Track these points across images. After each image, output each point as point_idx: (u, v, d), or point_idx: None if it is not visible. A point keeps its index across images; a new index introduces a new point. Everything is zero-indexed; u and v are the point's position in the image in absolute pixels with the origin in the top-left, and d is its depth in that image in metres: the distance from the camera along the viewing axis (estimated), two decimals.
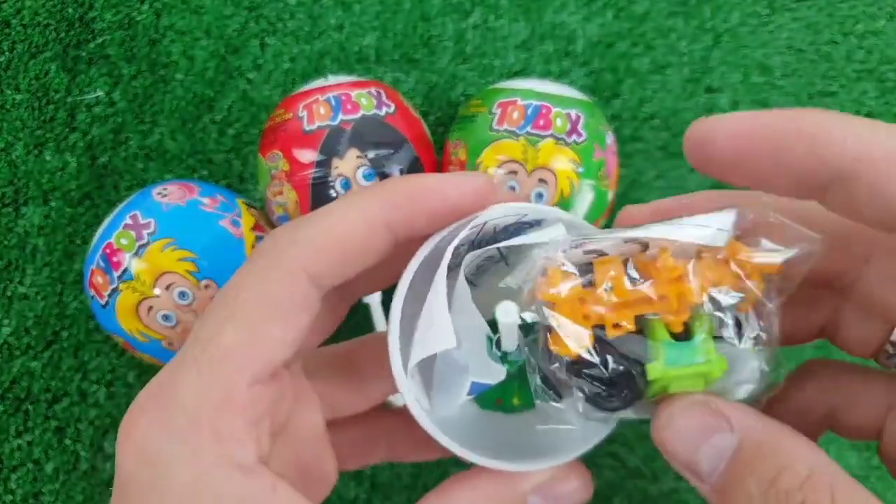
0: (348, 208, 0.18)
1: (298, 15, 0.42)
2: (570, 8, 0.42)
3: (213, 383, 0.16)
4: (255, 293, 0.17)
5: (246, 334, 0.17)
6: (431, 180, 0.18)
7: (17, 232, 0.40)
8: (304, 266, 0.17)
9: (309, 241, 0.17)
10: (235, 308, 0.17)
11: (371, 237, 0.18)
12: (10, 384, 0.38)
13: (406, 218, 0.18)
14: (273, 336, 0.17)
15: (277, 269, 0.17)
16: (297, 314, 0.17)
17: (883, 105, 0.41)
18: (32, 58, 0.42)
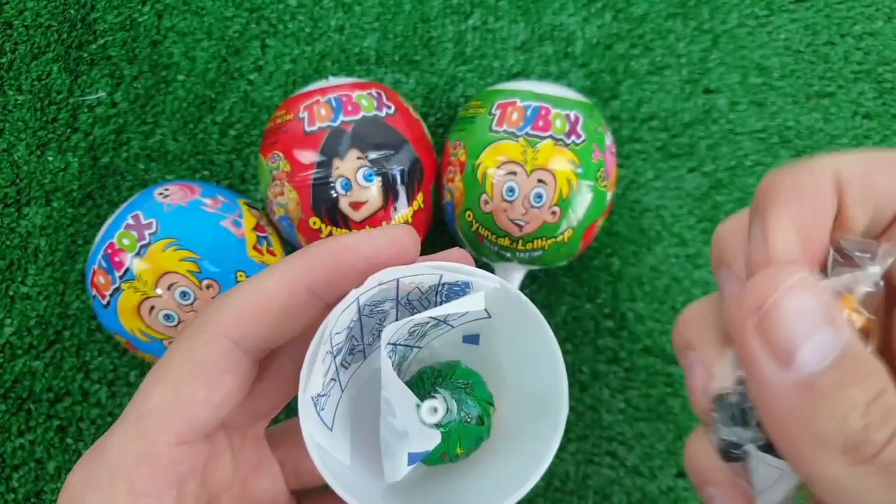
0: (270, 275, 0.19)
1: (299, 16, 0.42)
2: (569, 9, 0.42)
3: (135, 440, 0.17)
4: (182, 357, 0.18)
5: (170, 395, 0.18)
6: (348, 238, 0.19)
7: (19, 232, 0.40)
8: (226, 331, 0.18)
9: (232, 308, 0.18)
10: (164, 371, 0.18)
11: (293, 300, 0.18)
12: (13, 383, 0.38)
13: (326, 278, 0.18)
14: (196, 397, 0.18)
15: (203, 334, 0.18)
16: (221, 377, 0.18)
17: (880, 106, 0.41)
18: (34, 59, 0.42)
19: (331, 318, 0.17)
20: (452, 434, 0.19)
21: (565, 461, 0.37)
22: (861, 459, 0.13)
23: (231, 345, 0.18)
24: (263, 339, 0.19)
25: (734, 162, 0.40)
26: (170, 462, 0.17)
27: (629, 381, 0.38)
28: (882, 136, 0.41)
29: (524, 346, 0.19)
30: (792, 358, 0.14)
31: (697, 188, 0.40)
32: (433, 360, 0.21)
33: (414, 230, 0.19)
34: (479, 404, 0.20)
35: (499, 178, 0.32)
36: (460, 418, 0.19)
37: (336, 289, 0.18)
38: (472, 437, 0.19)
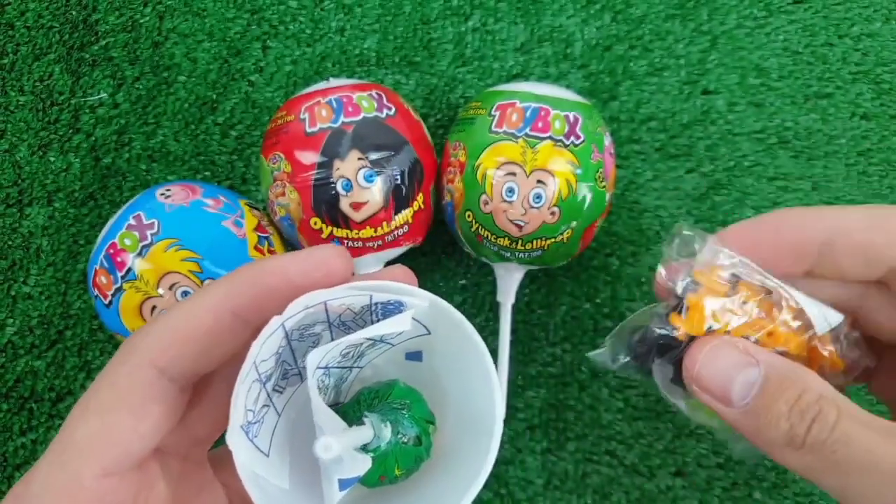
0: (193, 301, 0.18)
1: (300, 18, 0.42)
2: (568, 11, 0.42)
3: (58, 474, 0.17)
4: (106, 387, 0.18)
5: (95, 426, 0.17)
6: (273, 262, 0.18)
7: (21, 232, 0.40)
8: (151, 360, 0.18)
9: (155, 336, 0.18)
10: (88, 402, 0.18)
11: (218, 327, 0.18)
12: (15, 383, 0.39)
13: (251, 303, 0.18)
14: (122, 427, 0.17)
15: (127, 363, 0.18)
16: (148, 405, 0.18)
17: (878, 107, 0.41)
18: (36, 60, 0.42)
19: (254, 347, 0.17)
20: (389, 456, 0.19)
21: (564, 460, 0.37)
22: (797, 448, 0.19)
23: (156, 373, 0.18)
24: (190, 367, 0.18)
25: (732, 162, 0.40)
26: (95, 496, 0.17)
27: (627, 380, 0.38)
28: (880, 137, 0.41)
29: (462, 362, 0.19)
30: (729, 399, 0.20)
31: (696, 189, 0.40)
32: (375, 379, 0.21)
33: (345, 250, 0.19)
34: (416, 424, 0.19)
35: (498, 178, 0.33)
36: (396, 440, 0.19)
37: (263, 313, 0.18)
38: (410, 458, 0.19)
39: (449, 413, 0.21)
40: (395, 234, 0.34)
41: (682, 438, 0.37)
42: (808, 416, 0.18)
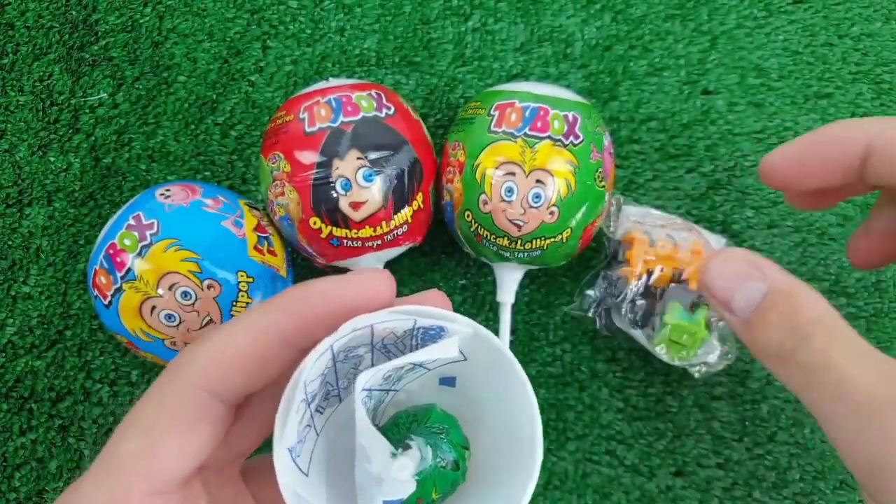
0: (241, 325, 0.18)
1: (300, 18, 0.42)
2: (568, 11, 0.42)
3: (107, 493, 0.17)
4: (154, 406, 0.18)
5: (143, 445, 0.17)
6: (320, 284, 0.19)
7: (21, 232, 0.40)
8: (200, 381, 0.18)
9: (205, 356, 0.18)
10: (136, 420, 0.18)
11: (266, 351, 0.18)
12: (14, 383, 0.39)
13: (298, 325, 0.18)
14: (170, 447, 0.17)
15: (175, 382, 0.18)
16: (195, 426, 0.18)
17: (878, 107, 0.41)
18: (36, 60, 0.42)
19: (305, 367, 0.17)
20: (427, 480, 0.19)
21: (564, 460, 0.37)
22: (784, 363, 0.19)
23: (205, 394, 0.18)
24: (237, 388, 0.18)
25: (732, 163, 0.40)
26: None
27: (627, 380, 0.38)
28: None
29: (500, 389, 0.19)
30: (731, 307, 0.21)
31: (695, 189, 0.40)
32: (410, 404, 0.21)
33: (389, 274, 0.19)
34: (454, 449, 0.20)
35: (497, 178, 0.32)
36: (435, 464, 0.19)
37: (308, 336, 0.18)
38: (447, 483, 0.19)
39: (482, 437, 0.21)
40: (394, 233, 0.34)
41: (682, 438, 0.37)
42: (796, 335, 0.19)
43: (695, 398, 0.38)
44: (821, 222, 0.40)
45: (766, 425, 0.37)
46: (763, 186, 0.40)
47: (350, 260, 0.34)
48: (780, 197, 0.40)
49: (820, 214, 0.40)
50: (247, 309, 0.32)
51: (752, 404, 0.38)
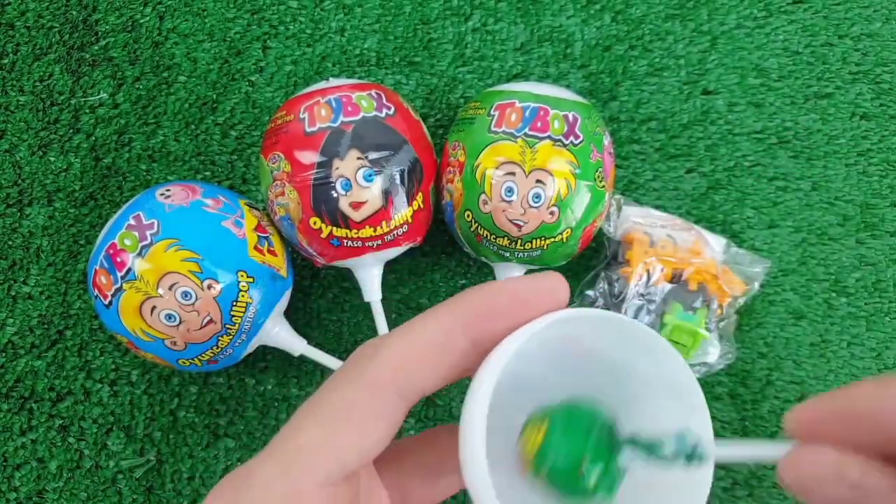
0: (427, 320, 0.19)
1: (300, 18, 0.42)
2: (568, 11, 0.42)
3: (282, 478, 0.17)
4: (337, 399, 0.18)
5: (321, 435, 0.18)
6: (504, 282, 0.19)
7: (21, 232, 0.40)
8: (385, 381, 0.18)
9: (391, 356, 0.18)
10: (317, 410, 0.18)
11: (449, 344, 0.18)
12: (15, 383, 0.39)
13: (481, 320, 0.18)
14: (348, 440, 0.18)
15: (358, 380, 0.18)
16: (375, 422, 0.18)
17: (878, 107, 0.41)
18: (36, 60, 0.42)
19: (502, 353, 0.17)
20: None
21: None
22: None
23: (389, 391, 0.18)
24: (420, 385, 0.18)
25: (732, 162, 0.40)
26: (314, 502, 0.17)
27: None
28: (880, 137, 0.41)
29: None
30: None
31: (696, 189, 0.40)
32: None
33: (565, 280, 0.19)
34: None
35: (497, 178, 0.32)
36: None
37: (491, 331, 0.18)
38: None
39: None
40: (394, 233, 0.34)
41: None
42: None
43: None
44: (821, 222, 0.40)
45: (766, 425, 0.37)
46: (763, 187, 0.40)
47: (350, 260, 0.34)
48: (780, 198, 0.40)
49: (820, 214, 0.40)
50: (246, 309, 0.32)
51: (752, 404, 0.38)
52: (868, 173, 0.41)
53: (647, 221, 0.37)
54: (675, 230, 0.36)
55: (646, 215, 0.37)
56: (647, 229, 0.36)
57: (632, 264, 0.35)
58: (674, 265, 0.35)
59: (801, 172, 0.40)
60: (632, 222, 0.36)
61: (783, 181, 0.40)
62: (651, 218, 0.37)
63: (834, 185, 0.40)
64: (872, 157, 0.41)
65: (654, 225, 0.36)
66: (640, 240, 0.35)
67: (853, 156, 0.41)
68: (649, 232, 0.36)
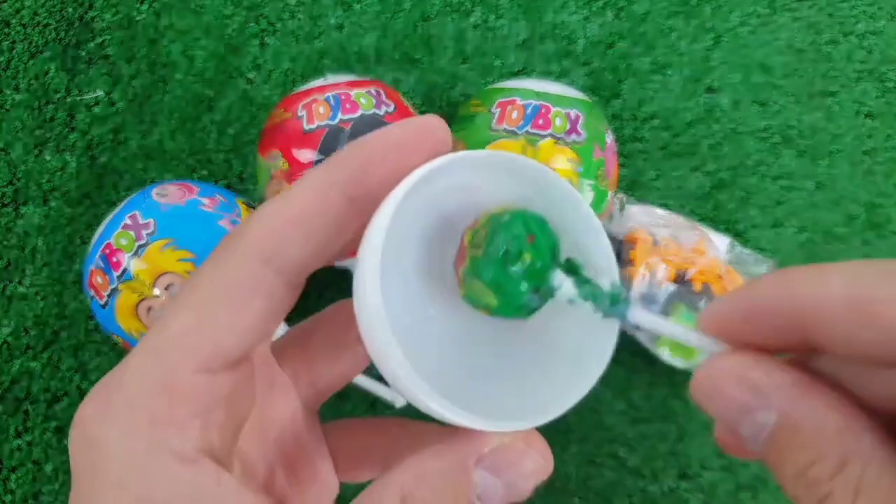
0: (298, 184, 0.17)
1: (298, 15, 0.42)
2: (570, 8, 0.42)
3: (155, 368, 0.16)
4: (206, 280, 0.17)
5: (194, 319, 0.16)
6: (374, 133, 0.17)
7: (16, 232, 0.40)
8: (254, 249, 0.17)
9: (260, 223, 0.17)
10: (187, 295, 0.17)
11: (326, 208, 0.17)
12: (10, 384, 0.38)
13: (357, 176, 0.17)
14: (222, 322, 0.16)
15: (232, 253, 0.17)
16: (249, 300, 0.16)
17: (883, 105, 0.41)
18: (32, 57, 0.42)
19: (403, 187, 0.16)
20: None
21: (566, 463, 0.37)
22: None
23: (260, 264, 0.17)
24: (298, 256, 0.17)
25: (736, 161, 0.40)
26: (192, 391, 0.16)
27: (631, 382, 0.38)
28: (885, 136, 0.41)
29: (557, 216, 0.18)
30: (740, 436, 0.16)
31: (699, 187, 0.40)
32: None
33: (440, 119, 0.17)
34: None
35: None
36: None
37: (370, 189, 0.17)
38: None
39: None
40: None
41: (685, 440, 0.37)
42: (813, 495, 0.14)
43: None
44: (825, 222, 0.40)
45: None
46: (768, 185, 0.40)
47: (349, 259, 0.34)
48: (784, 197, 0.40)
49: (825, 213, 0.40)
50: None
51: None
52: (873, 172, 0.40)
53: (650, 221, 0.36)
54: (679, 229, 0.36)
55: (649, 214, 0.37)
56: (650, 229, 0.36)
57: (635, 264, 0.35)
58: (677, 265, 0.34)
59: (805, 171, 0.40)
60: (635, 222, 0.36)
61: (788, 180, 0.40)
62: (654, 217, 0.37)
63: (839, 184, 0.40)
64: (878, 156, 0.40)
65: (657, 224, 0.36)
66: (643, 239, 0.35)
67: (858, 154, 0.40)
68: (652, 231, 0.35)
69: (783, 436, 0.15)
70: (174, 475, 0.15)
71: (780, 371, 0.15)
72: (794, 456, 0.15)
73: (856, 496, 0.14)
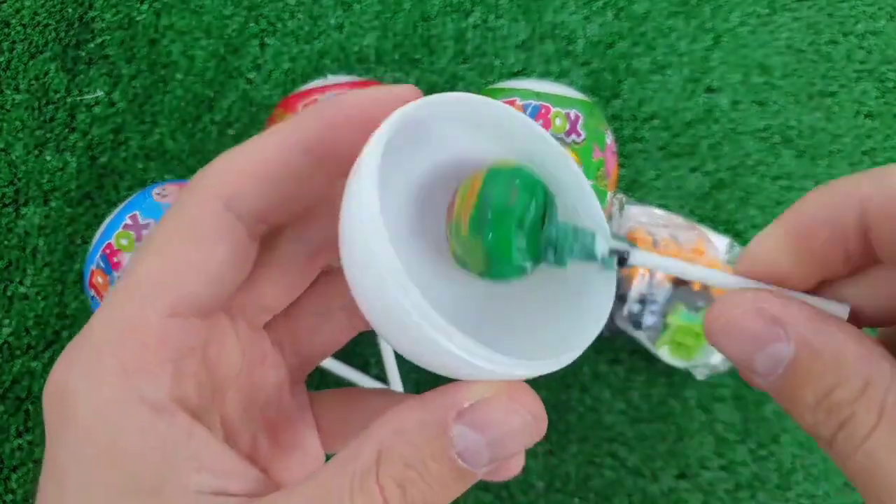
0: (261, 137, 0.17)
1: (298, 15, 0.42)
2: (570, 8, 0.42)
3: (122, 312, 0.15)
4: (173, 224, 0.16)
5: (158, 263, 0.16)
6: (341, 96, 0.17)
7: (17, 232, 0.40)
8: (217, 192, 0.16)
9: (222, 168, 0.17)
10: (152, 240, 0.16)
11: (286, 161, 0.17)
12: (11, 384, 0.38)
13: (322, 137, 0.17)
14: (187, 262, 0.16)
15: (193, 197, 0.16)
16: (214, 242, 0.16)
17: (883, 105, 0.41)
18: (32, 58, 0.42)
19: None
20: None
21: (566, 462, 0.37)
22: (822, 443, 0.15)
23: (221, 208, 0.16)
24: (257, 205, 0.17)
25: (736, 161, 0.40)
26: (161, 335, 0.15)
27: (630, 381, 0.38)
28: (884, 136, 0.41)
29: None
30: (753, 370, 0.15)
31: (699, 188, 0.40)
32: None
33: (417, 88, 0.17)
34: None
35: None
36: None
37: (335, 149, 0.17)
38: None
39: None
40: None
41: (684, 440, 0.37)
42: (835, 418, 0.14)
43: (698, 400, 0.37)
44: None
45: (769, 427, 0.37)
46: (767, 186, 0.40)
47: None
48: (783, 197, 0.40)
49: None
50: None
51: (755, 405, 0.37)
52: None
53: (649, 221, 0.36)
54: (678, 230, 0.36)
55: (648, 215, 0.37)
56: (649, 229, 0.36)
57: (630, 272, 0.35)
58: None
59: (804, 171, 0.40)
60: (634, 222, 0.36)
61: (787, 180, 0.40)
62: (654, 217, 0.37)
63: None
64: (877, 156, 0.40)
65: (656, 224, 0.36)
66: (642, 239, 0.35)
67: (857, 155, 0.40)
68: (652, 231, 0.36)
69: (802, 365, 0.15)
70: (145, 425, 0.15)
71: (797, 303, 0.15)
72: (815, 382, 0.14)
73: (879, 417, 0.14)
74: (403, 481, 0.14)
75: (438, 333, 0.14)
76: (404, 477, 0.14)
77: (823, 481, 0.36)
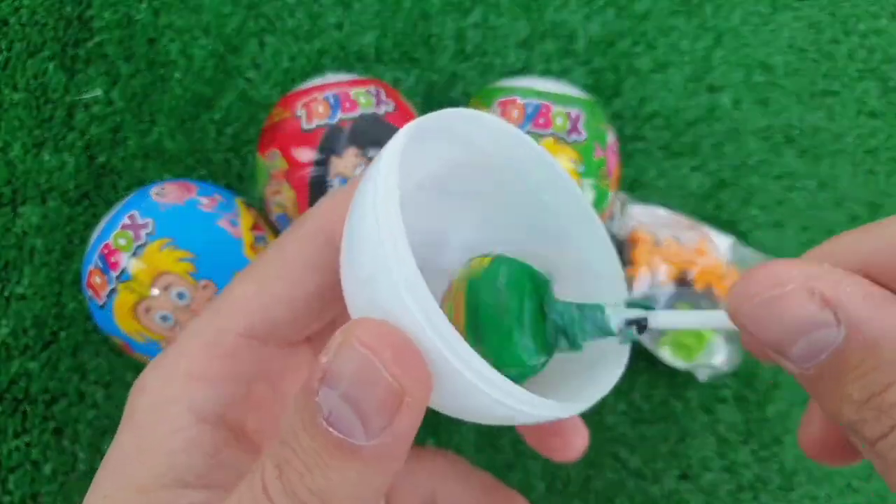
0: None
1: (297, 13, 0.42)
2: (571, 6, 0.42)
3: (206, 326, 0.17)
4: (273, 255, 0.18)
5: (252, 288, 0.17)
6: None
7: (14, 232, 0.40)
8: (320, 228, 0.17)
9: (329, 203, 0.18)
10: (254, 268, 0.18)
11: None
12: (8, 385, 0.38)
13: None
14: (277, 291, 0.17)
15: (297, 231, 0.18)
16: (307, 274, 0.17)
17: (886, 104, 0.41)
18: (30, 57, 0.42)
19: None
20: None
21: (567, 464, 0.37)
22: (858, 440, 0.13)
23: (322, 243, 0.17)
24: None
25: (738, 161, 0.40)
26: (233, 351, 0.17)
27: (631, 382, 0.37)
28: (887, 135, 0.40)
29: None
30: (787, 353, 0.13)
31: (700, 187, 0.40)
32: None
33: None
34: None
35: None
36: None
37: None
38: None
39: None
40: None
41: (686, 441, 0.37)
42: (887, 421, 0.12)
43: (700, 400, 0.37)
44: (830, 221, 0.40)
45: (772, 428, 0.37)
46: (769, 185, 0.40)
47: None
48: (786, 196, 0.40)
49: (828, 213, 0.40)
50: None
51: (757, 406, 0.37)
52: (875, 172, 0.40)
53: (651, 221, 0.36)
54: (681, 229, 0.36)
55: (650, 214, 0.37)
56: (651, 228, 0.35)
57: (636, 264, 0.35)
58: (679, 265, 0.34)
59: (807, 171, 0.40)
60: (636, 221, 0.36)
61: (789, 180, 0.40)
62: (655, 217, 0.36)
63: (840, 183, 0.40)
64: (880, 156, 0.40)
65: (658, 224, 0.36)
66: (644, 239, 0.35)
67: (860, 154, 0.40)
68: (654, 231, 0.35)
69: (853, 355, 0.13)
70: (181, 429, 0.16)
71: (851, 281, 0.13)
72: (867, 377, 0.12)
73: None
74: (280, 461, 0.13)
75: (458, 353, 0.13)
76: (280, 457, 0.13)
77: (826, 483, 0.36)
